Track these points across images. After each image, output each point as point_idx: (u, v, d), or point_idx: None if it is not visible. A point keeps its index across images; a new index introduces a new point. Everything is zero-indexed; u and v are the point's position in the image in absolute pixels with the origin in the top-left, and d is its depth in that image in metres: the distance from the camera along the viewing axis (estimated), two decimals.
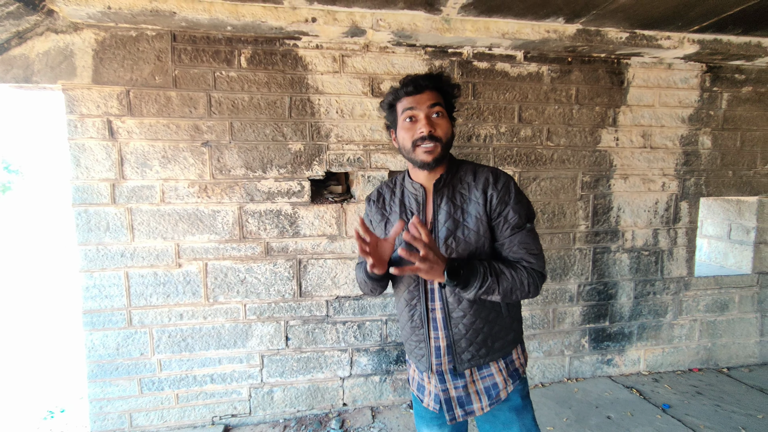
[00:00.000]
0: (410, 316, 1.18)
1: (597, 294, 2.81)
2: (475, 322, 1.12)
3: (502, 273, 1.03)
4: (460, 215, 1.10)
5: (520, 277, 1.04)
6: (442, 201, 1.12)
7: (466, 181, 1.13)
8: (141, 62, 2.10)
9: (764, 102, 2.88)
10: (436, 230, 1.11)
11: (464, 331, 1.12)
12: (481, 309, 1.11)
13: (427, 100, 1.07)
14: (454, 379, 1.16)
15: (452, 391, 1.16)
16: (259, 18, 2.00)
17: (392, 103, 1.13)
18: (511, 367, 1.19)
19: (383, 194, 1.25)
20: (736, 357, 3.07)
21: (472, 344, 1.13)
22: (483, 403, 1.17)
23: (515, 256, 1.07)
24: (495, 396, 1.17)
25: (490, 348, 1.15)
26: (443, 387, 1.17)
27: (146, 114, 2.13)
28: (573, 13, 2.14)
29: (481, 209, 1.08)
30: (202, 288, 2.28)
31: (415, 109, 1.07)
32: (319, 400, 2.47)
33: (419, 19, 2.13)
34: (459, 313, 1.12)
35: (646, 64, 2.68)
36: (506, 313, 1.15)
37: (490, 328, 1.13)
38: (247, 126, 2.25)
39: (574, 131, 2.64)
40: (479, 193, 1.09)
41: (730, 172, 2.89)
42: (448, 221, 1.10)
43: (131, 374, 2.24)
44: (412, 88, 1.08)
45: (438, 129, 1.07)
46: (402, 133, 1.11)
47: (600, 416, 2.41)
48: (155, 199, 2.18)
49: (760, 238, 3.01)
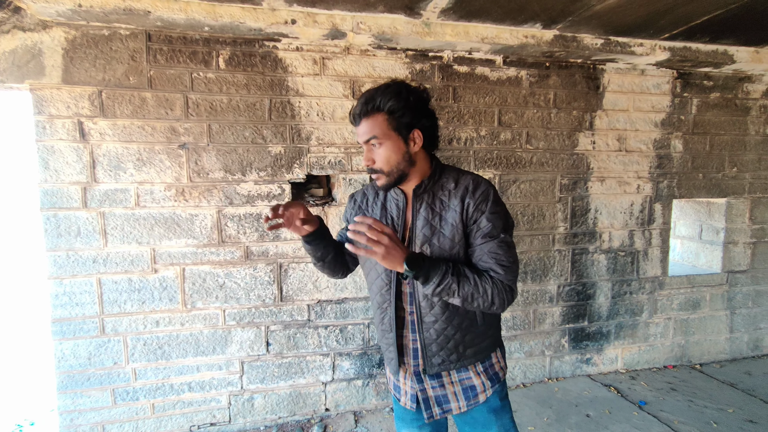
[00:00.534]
0: (381, 319, 1.19)
1: (576, 294, 2.86)
2: (447, 329, 1.12)
3: (465, 277, 1.01)
4: (437, 222, 1.09)
5: (484, 286, 1.00)
6: (421, 207, 1.12)
7: (447, 188, 1.11)
8: (114, 62, 2.04)
9: (731, 108, 3.00)
10: (414, 236, 1.11)
11: (435, 336, 1.13)
12: (453, 316, 1.11)
13: (363, 134, 1.06)
14: (431, 379, 1.17)
15: (430, 391, 1.17)
16: (238, 19, 1.97)
17: None
18: (490, 371, 1.19)
19: (367, 195, 1.26)
20: (708, 353, 3.18)
21: (442, 349, 1.13)
22: (461, 403, 1.18)
23: (484, 266, 1.04)
24: (473, 398, 1.17)
25: (462, 354, 1.14)
26: (421, 387, 1.17)
27: (120, 115, 2.07)
28: (550, 19, 2.18)
29: (458, 217, 1.07)
30: (179, 294, 2.22)
31: (360, 141, 1.09)
32: (301, 405, 2.44)
33: (399, 23, 2.13)
34: (431, 318, 1.12)
35: (620, 70, 2.76)
36: (481, 322, 1.14)
37: (462, 335, 1.13)
38: (225, 128, 2.21)
39: (553, 135, 2.70)
40: (457, 201, 1.08)
41: (701, 174, 3.00)
42: (425, 227, 1.10)
43: (104, 384, 2.16)
44: (352, 120, 1.09)
45: (377, 160, 1.07)
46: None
47: (579, 415, 2.45)
48: (130, 202, 2.12)
49: (729, 239, 3.12)
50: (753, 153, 3.08)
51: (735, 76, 2.96)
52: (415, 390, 1.19)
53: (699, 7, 2.07)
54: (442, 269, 0.99)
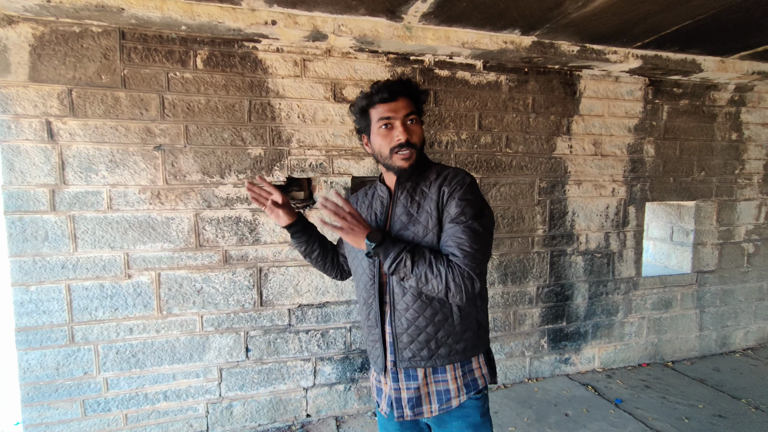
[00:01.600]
0: (367, 315, 1.20)
1: (555, 296, 2.92)
2: (418, 319, 1.10)
3: (422, 256, 1.01)
4: (415, 209, 1.12)
5: (439, 267, 1.00)
6: (402, 195, 1.15)
7: (429, 178, 1.14)
8: (85, 60, 1.97)
9: (699, 114, 3.13)
10: (392, 222, 1.15)
11: (406, 326, 1.11)
12: (425, 306, 1.10)
13: (403, 108, 1.09)
14: (407, 380, 1.14)
15: (404, 392, 1.15)
16: (216, 18, 1.94)
17: (365, 109, 1.13)
18: (468, 377, 1.16)
19: (358, 196, 1.32)
20: (680, 351, 3.29)
21: (413, 342, 1.11)
22: (433, 406, 1.14)
23: (447, 250, 1.04)
24: (446, 401, 1.14)
25: (434, 352, 1.12)
26: (396, 386, 1.16)
27: (91, 115, 1.99)
28: (528, 25, 2.23)
29: (433, 204, 1.09)
30: (154, 300, 2.15)
31: (392, 117, 1.08)
32: (281, 412, 2.40)
33: (381, 26, 2.14)
34: (402, 305, 1.11)
35: (596, 77, 2.84)
36: (457, 320, 1.12)
37: (435, 330, 1.11)
38: (203, 129, 2.16)
39: (532, 139, 2.75)
40: (435, 189, 1.10)
41: (671, 178, 3.11)
42: (402, 215, 1.13)
43: (73, 395, 2.07)
44: (387, 95, 1.08)
45: (414, 136, 1.11)
46: (378, 140, 1.12)
47: (559, 414, 2.50)
48: (101, 205, 2.04)
49: (698, 240, 3.25)
50: (719, 158, 3.22)
51: (702, 84, 3.10)
52: (390, 390, 1.17)
53: (669, 18, 2.15)
54: (399, 246, 1.03)
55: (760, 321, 3.51)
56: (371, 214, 1.22)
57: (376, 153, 1.15)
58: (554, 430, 2.34)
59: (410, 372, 1.14)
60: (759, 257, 3.44)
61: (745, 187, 3.33)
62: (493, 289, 2.76)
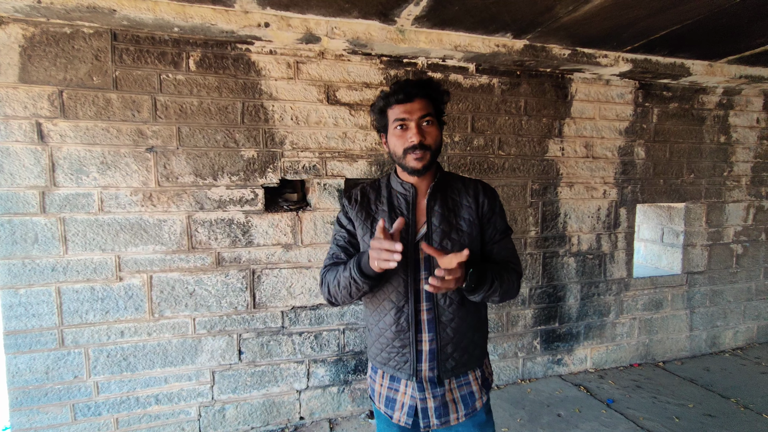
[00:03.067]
0: (395, 319, 1.13)
1: (547, 297, 2.94)
2: (461, 326, 1.13)
3: (501, 275, 1.09)
4: (453, 218, 1.14)
5: (511, 278, 1.11)
6: (436, 204, 1.14)
7: (455, 187, 1.18)
8: (76, 61, 1.96)
9: (688, 117, 3.18)
10: (430, 231, 1.12)
11: (452, 335, 1.12)
12: (467, 313, 1.13)
13: (418, 110, 1.09)
14: (433, 388, 1.13)
15: (430, 402, 1.13)
16: (209, 20, 1.93)
17: (383, 109, 1.14)
18: (484, 376, 1.21)
19: (367, 194, 1.23)
20: (670, 351, 3.33)
21: (456, 350, 1.13)
22: (459, 413, 1.15)
23: (506, 256, 1.16)
24: (471, 405, 1.16)
25: (471, 355, 1.16)
26: (421, 396, 1.13)
27: (82, 117, 1.98)
28: (520, 29, 2.25)
29: (474, 214, 1.14)
30: (146, 302, 2.13)
31: (407, 119, 1.09)
32: (274, 415, 2.39)
33: (374, 29, 2.15)
34: (448, 316, 1.12)
35: (587, 80, 2.87)
36: (484, 318, 1.20)
37: (473, 333, 1.16)
38: (196, 131, 2.15)
39: (524, 141, 2.77)
40: (471, 199, 1.16)
41: (662, 180, 3.15)
42: (442, 224, 1.13)
43: (63, 400, 2.05)
44: (403, 96, 1.09)
45: (428, 137, 1.10)
46: (393, 140, 1.13)
47: (551, 414, 2.51)
48: (92, 208, 2.03)
49: (688, 241, 3.29)
50: (708, 160, 3.27)
51: (691, 88, 3.14)
52: (414, 400, 1.14)
53: (658, 22, 2.19)
54: (489, 276, 1.05)
55: (749, 321, 3.56)
56: (394, 211, 1.16)
57: (391, 152, 1.16)
58: (546, 430, 2.35)
59: (434, 380, 1.13)
60: (747, 258, 3.49)
61: (733, 189, 3.38)
62: None
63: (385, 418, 1.24)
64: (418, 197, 1.17)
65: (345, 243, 1.20)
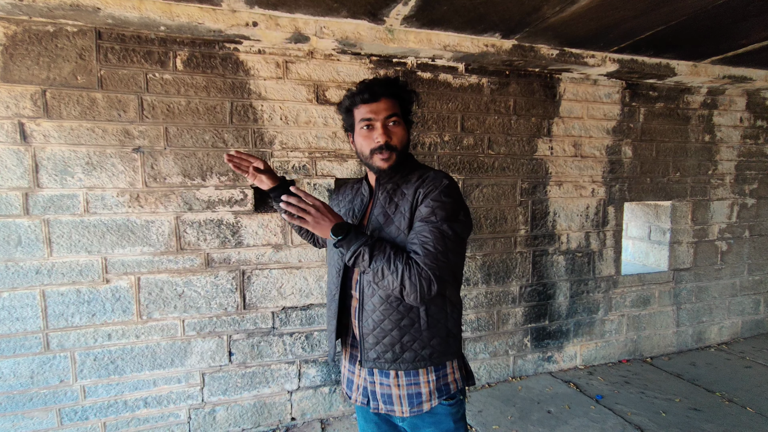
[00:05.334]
0: (329, 306, 1.24)
1: (537, 295, 2.97)
2: (384, 322, 1.08)
3: (383, 250, 1.00)
4: (392, 210, 1.11)
5: (397, 264, 0.98)
6: (381, 195, 1.15)
7: (410, 180, 1.14)
8: (60, 60, 1.92)
9: (673, 117, 3.23)
10: (369, 222, 1.16)
11: (372, 328, 1.10)
12: (391, 309, 1.07)
13: (384, 110, 1.08)
14: (381, 376, 1.14)
15: (378, 387, 1.15)
16: (196, 19, 1.91)
17: (349, 108, 1.13)
18: (441, 381, 1.14)
19: (342, 190, 1.34)
20: (658, 347, 3.38)
21: (378, 343, 1.10)
22: (404, 408, 1.13)
23: (410, 247, 1.02)
24: (417, 404, 1.12)
25: (398, 356, 1.09)
26: (371, 380, 1.16)
27: (66, 116, 1.95)
28: (508, 29, 2.27)
29: (408, 206, 1.08)
30: (134, 304, 2.11)
31: (372, 119, 1.08)
32: (265, 416, 2.37)
33: (363, 29, 2.15)
34: (370, 306, 1.10)
35: (575, 80, 2.90)
36: (424, 326, 1.08)
37: (400, 334, 1.08)
38: (184, 131, 2.13)
39: (513, 140, 2.79)
40: (412, 191, 1.10)
41: (648, 179, 3.20)
42: (380, 215, 1.13)
43: (49, 404, 2.01)
44: (369, 96, 1.07)
45: (394, 137, 1.10)
46: (359, 140, 1.12)
47: (541, 411, 2.54)
48: (78, 209, 1.99)
49: (674, 239, 3.35)
50: (693, 159, 3.33)
51: (677, 88, 3.19)
52: (366, 382, 1.18)
53: (643, 23, 2.22)
54: (361, 239, 1.02)
55: (734, 316, 3.64)
56: (350, 210, 1.23)
57: (358, 152, 1.16)
58: (537, 427, 2.38)
59: (382, 371, 1.14)
60: (732, 255, 3.56)
61: (718, 187, 3.44)
62: (476, 289, 2.79)
63: (361, 413, 1.29)
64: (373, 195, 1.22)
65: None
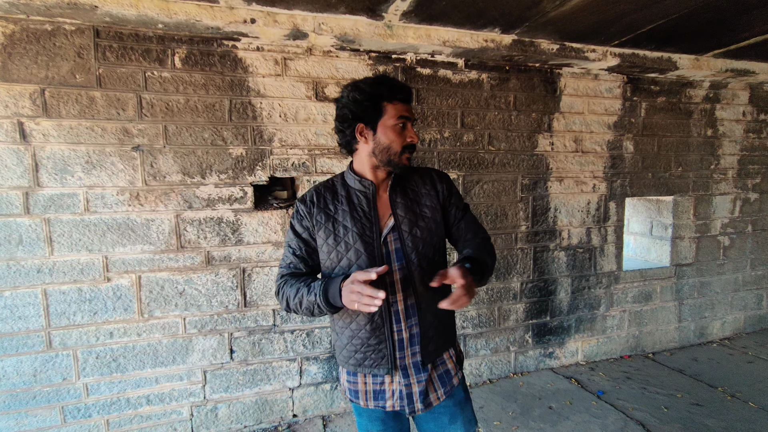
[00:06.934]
0: (370, 318, 1.14)
1: (538, 291, 2.96)
2: (438, 312, 1.15)
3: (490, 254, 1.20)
4: (416, 207, 1.20)
5: (490, 247, 1.24)
6: (398, 196, 1.19)
7: (412, 179, 1.23)
8: (58, 59, 1.92)
9: (675, 111, 3.21)
10: (398, 222, 1.16)
11: (432, 320, 1.17)
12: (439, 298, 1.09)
13: (413, 113, 1.18)
14: (417, 373, 1.16)
15: (414, 386, 1.16)
16: (194, 17, 1.91)
17: (378, 99, 1.11)
18: (456, 354, 1.28)
19: (323, 194, 1.21)
20: (660, 342, 3.37)
21: (436, 333, 1.18)
22: (438, 392, 1.20)
23: (474, 229, 1.26)
24: (449, 383, 1.22)
25: (448, 337, 1.24)
26: (406, 382, 1.16)
27: (65, 115, 1.95)
28: (508, 24, 2.25)
29: (435, 200, 1.22)
30: (135, 303, 2.12)
31: (409, 118, 1.15)
32: (267, 413, 2.38)
33: (362, 25, 2.13)
34: (428, 301, 1.16)
35: (575, 75, 2.88)
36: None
37: (447, 316, 1.22)
38: (183, 129, 2.13)
39: (513, 136, 2.78)
40: (430, 188, 1.23)
41: (650, 174, 3.18)
42: (408, 213, 1.18)
43: (52, 402, 2.03)
44: (405, 96, 1.14)
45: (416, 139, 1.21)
46: (391, 135, 1.12)
47: (543, 407, 2.54)
48: (78, 208, 2.00)
49: (676, 234, 3.33)
50: (695, 153, 3.30)
51: (678, 82, 3.17)
52: (401, 386, 1.16)
53: (644, 16, 2.20)
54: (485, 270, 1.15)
55: (736, 311, 3.62)
56: (355, 210, 1.16)
57: (382, 147, 1.12)
58: (538, 423, 2.38)
59: (419, 365, 1.16)
60: (734, 250, 3.54)
61: (720, 181, 3.42)
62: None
63: (366, 414, 1.24)
64: (378, 192, 1.20)
65: (302, 253, 1.18)
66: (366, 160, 1.17)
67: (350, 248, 1.12)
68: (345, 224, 1.14)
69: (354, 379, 1.22)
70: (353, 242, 1.12)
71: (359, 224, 1.14)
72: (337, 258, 1.14)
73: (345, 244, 1.13)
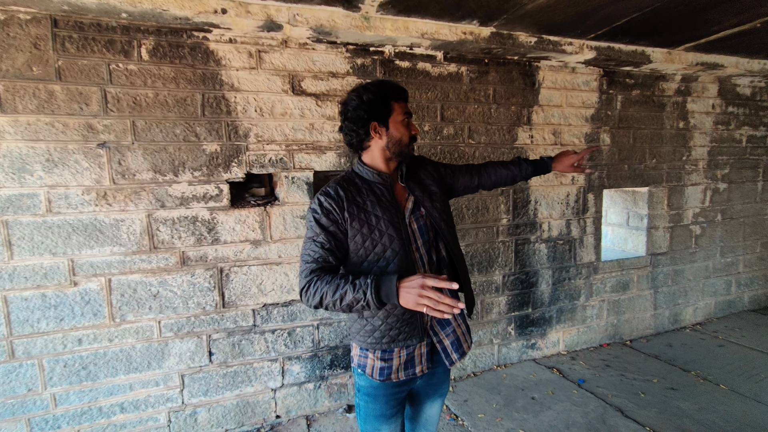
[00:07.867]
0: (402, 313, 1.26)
1: (520, 283, 2.99)
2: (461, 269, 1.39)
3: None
4: (428, 192, 1.36)
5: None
6: (411, 181, 1.36)
7: (412, 168, 1.40)
8: (12, 50, 1.80)
9: (649, 104, 3.28)
10: (419, 201, 1.32)
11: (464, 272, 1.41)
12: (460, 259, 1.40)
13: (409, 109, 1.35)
14: (443, 329, 1.32)
15: (446, 340, 1.32)
16: (160, 6, 1.81)
17: (388, 98, 1.26)
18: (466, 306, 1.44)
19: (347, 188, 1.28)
20: (637, 330, 3.47)
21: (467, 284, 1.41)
22: (469, 341, 1.40)
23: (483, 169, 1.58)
24: (469, 334, 1.42)
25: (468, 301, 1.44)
26: (437, 338, 1.31)
27: (22, 111, 1.83)
28: (486, 16, 2.23)
29: (438, 183, 1.41)
30: (105, 307, 2.02)
31: (410, 114, 1.32)
32: (249, 415, 2.33)
33: (338, 16, 2.08)
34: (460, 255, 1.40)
35: (554, 68, 2.90)
36: None
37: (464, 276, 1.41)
38: (153, 125, 2.03)
39: (493, 129, 2.78)
40: (432, 171, 1.43)
41: (626, 165, 3.24)
42: (424, 193, 1.35)
43: (17, 414, 1.92)
44: (405, 95, 1.32)
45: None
46: (402, 129, 1.28)
47: (526, 398, 2.57)
48: (39, 209, 1.88)
49: (651, 224, 3.42)
50: (669, 145, 3.39)
51: (652, 75, 3.23)
52: (431, 345, 1.31)
53: (619, 10, 2.22)
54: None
55: (707, 297, 3.76)
56: (379, 199, 1.27)
57: (394, 140, 1.27)
58: (521, 413, 2.40)
59: (443, 321, 1.32)
60: (705, 238, 3.66)
61: (691, 172, 3.52)
62: None
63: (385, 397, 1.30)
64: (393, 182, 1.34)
65: (332, 246, 1.20)
66: (379, 154, 1.29)
67: (383, 234, 1.22)
68: (376, 213, 1.23)
69: (389, 356, 1.27)
70: (386, 228, 1.23)
71: (388, 212, 1.25)
72: (372, 245, 1.22)
73: (378, 231, 1.22)
